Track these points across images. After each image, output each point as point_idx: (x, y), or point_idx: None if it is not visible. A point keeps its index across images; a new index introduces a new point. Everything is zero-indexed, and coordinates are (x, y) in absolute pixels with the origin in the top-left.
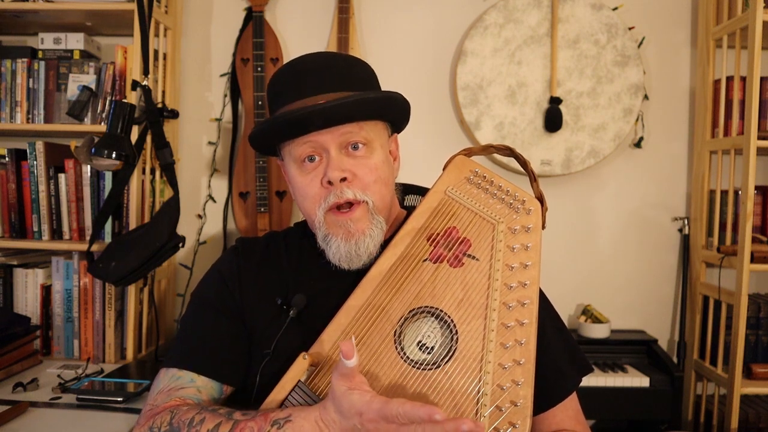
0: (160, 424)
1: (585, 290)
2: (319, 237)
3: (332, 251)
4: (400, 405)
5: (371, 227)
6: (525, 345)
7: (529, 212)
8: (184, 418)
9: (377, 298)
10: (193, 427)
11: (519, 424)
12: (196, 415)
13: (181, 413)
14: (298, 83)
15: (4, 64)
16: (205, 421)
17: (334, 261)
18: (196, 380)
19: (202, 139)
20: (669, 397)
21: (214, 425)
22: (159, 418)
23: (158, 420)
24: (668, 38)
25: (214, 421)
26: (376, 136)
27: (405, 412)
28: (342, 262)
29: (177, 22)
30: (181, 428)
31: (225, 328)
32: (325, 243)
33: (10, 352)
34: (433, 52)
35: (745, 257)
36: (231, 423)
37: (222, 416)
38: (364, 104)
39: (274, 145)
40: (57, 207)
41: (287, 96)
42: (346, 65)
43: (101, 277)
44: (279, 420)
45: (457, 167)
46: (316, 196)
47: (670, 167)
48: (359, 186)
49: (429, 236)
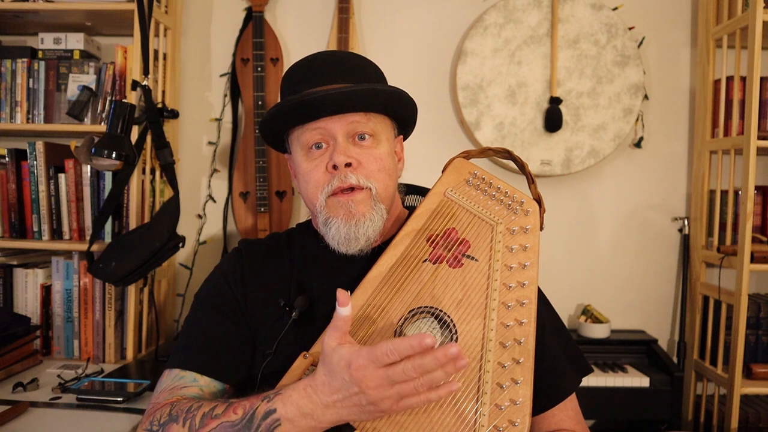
0: (160, 417)
1: (585, 290)
2: (320, 223)
3: (332, 233)
4: (388, 342)
5: (372, 212)
6: (524, 344)
7: (527, 213)
8: (183, 408)
9: (377, 298)
10: (190, 413)
11: (518, 422)
12: (194, 404)
13: (180, 404)
14: (312, 74)
15: (4, 64)
16: (201, 407)
17: (333, 244)
18: (198, 380)
19: (202, 139)
20: (669, 397)
21: (210, 408)
22: (159, 412)
23: (158, 414)
24: (668, 38)
25: (210, 405)
26: (382, 129)
27: (395, 346)
28: (341, 244)
29: (177, 22)
30: (179, 416)
31: (227, 328)
32: (325, 227)
33: (10, 352)
34: (433, 52)
35: (745, 257)
36: (226, 404)
37: (218, 401)
38: (374, 95)
39: (282, 133)
40: (57, 207)
41: (301, 85)
42: (358, 62)
43: (101, 277)
44: (269, 395)
45: (456, 169)
46: (320, 180)
47: (670, 167)
48: (363, 173)
49: (429, 237)
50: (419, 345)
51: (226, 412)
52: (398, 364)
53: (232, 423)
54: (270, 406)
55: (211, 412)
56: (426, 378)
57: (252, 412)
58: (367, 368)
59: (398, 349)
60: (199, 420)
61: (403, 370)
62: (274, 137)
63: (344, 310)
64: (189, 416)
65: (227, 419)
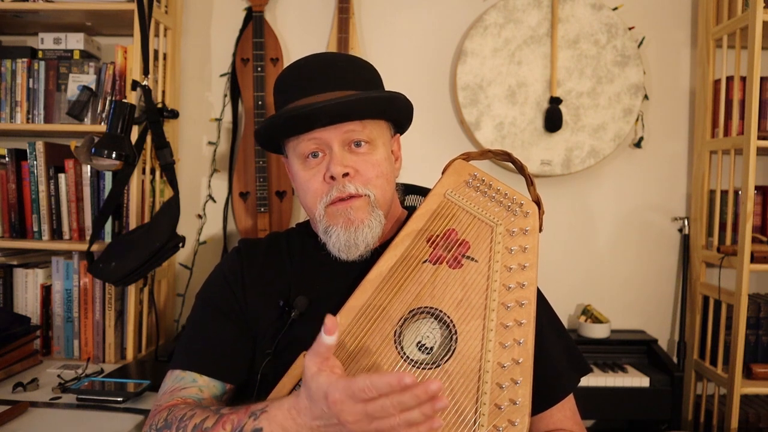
0: (157, 422)
1: (585, 290)
2: (320, 231)
3: (332, 241)
4: (366, 377)
5: (370, 219)
6: (523, 344)
7: (526, 215)
8: (178, 415)
9: (377, 298)
10: (183, 422)
11: (518, 422)
12: (188, 411)
13: (176, 411)
14: (304, 82)
15: (4, 64)
16: (194, 417)
17: (333, 252)
18: (198, 380)
19: (202, 139)
20: (669, 397)
21: (201, 420)
22: (158, 416)
23: (156, 418)
24: (668, 38)
25: (202, 416)
26: (378, 134)
27: (372, 382)
28: (341, 251)
29: (177, 22)
30: (173, 423)
31: (228, 328)
32: (325, 236)
33: (10, 352)
34: (433, 52)
35: (745, 257)
36: (216, 417)
37: (210, 411)
38: (367, 103)
39: (278, 141)
40: (57, 207)
41: (293, 94)
42: (350, 65)
43: (101, 277)
44: (256, 412)
45: (456, 171)
46: (318, 191)
47: (670, 167)
48: (361, 181)
49: (429, 238)
50: (398, 384)
51: (215, 426)
52: (377, 400)
53: None
54: (256, 424)
55: (201, 423)
56: (404, 416)
57: (239, 430)
58: (345, 402)
59: (375, 385)
60: (190, 430)
61: (382, 407)
62: (270, 145)
63: (329, 339)
64: (181, 425)
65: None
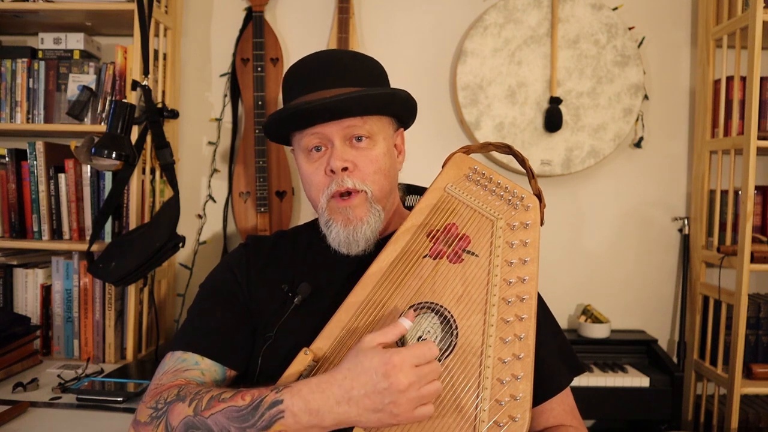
0: (167, 396)
1: (585, 290)
2: (322, 222)
3: (332, 236)
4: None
5: (369, 215)
6: (524, 340)
7: (527, 209)
8: (192, 390)
9: (378, 294)
10: (198, 395)
11: (519, 417)
12: (204, 388)
13: (189, 387)
14: (310, 78)
15: (4, 64)
16: (210, 391)
17: (334, 245)
18: (200, 363)
19: (202, 139)
20: (669, 397)
21: (219, 392)
22: (167, 392)
23: (165, 393)
24: (668, 38)
25: (219, 390)
26: (379, 129)
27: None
28: (341, 246)
29: (177, 22)
30: (186, 396)
31: (231, 313)
32: (326, 228)
33: (10, 352)
34: (433, 52)
35: (745, 257)
36: (234, 390)
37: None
38: (367, 100)
39: (285, 134)
40: (57, 207)
41: (299, 89)
42: (355, 62)
43: (101, 277)
44: (279, 386)
45: (456, 164)
46: (320, 183)
47: (670, 167)
48: (359, 176)
49: (429, 232)
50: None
51: (234, 397)
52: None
53: (238, 408)
54: (278, 396)
55: (219, 395)
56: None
57: (260, 400)
58: (405, 364)
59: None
60: (206, 402)
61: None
62: (278, 138)
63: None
64: (196, 398)
65: (234, 404)
